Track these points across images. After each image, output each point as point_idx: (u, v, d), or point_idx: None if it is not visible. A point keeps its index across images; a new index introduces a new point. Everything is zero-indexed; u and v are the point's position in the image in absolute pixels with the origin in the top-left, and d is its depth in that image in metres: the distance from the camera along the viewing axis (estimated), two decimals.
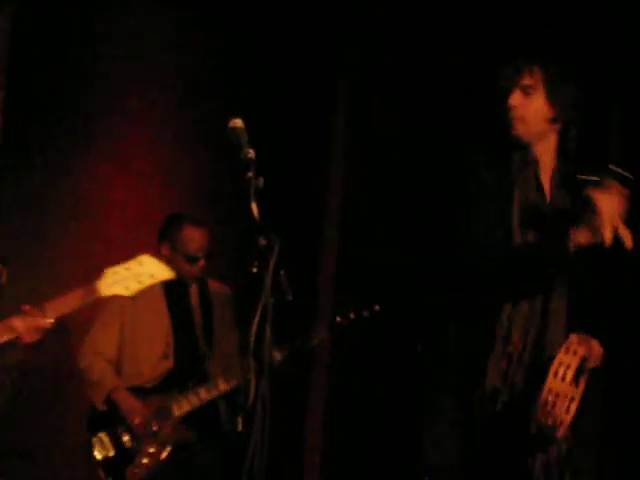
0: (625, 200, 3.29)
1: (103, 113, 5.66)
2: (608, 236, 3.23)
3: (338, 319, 4.78)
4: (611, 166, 3.37)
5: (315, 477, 5.87)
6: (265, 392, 3.00)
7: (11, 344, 3.55)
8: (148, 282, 3.66)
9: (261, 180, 3.05)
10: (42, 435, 5.47)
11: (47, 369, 5.47)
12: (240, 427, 4.66)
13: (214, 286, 4.93)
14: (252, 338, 2.98)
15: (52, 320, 3.55)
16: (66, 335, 5.44)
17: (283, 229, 3.04)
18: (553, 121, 3.47)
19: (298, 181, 5.75)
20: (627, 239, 3.26)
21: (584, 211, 3.30)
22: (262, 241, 3.01)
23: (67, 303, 3.59)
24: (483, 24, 5.28)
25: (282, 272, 3.00)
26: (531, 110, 3.44)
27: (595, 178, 3.35)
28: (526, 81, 3.43)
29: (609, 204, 3.26)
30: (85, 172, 5.66)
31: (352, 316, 4.76)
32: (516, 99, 3.44)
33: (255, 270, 3.00)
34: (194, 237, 4.76)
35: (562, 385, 3.31)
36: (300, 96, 5.85)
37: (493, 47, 4.90)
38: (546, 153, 3.50)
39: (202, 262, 4.77)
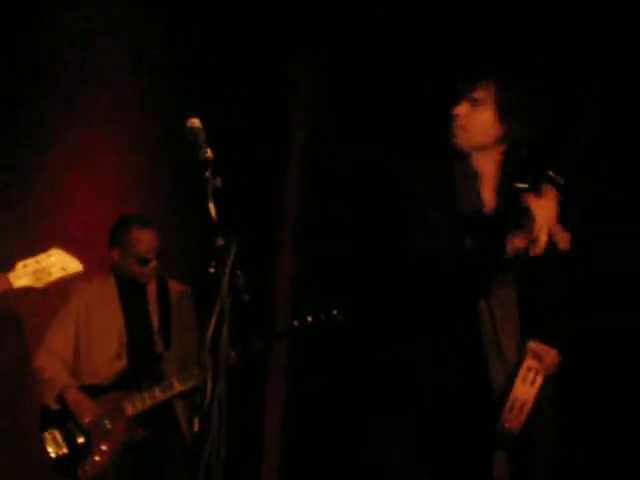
0: (558, 204, 3.38)
1: (63, 113, 5.62)
2: (542, 240, 3.33)
3: (296, 323, 4.78)
4: (548, 172, 3.44)
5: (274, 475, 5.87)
6: (222, 392, 3.00)
7: None
8: (59, 274, 3.92)
9: (219, 180, 3.05)
10: None
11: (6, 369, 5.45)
12: (197, 427, 4.68)
13: (174, 286, 4.92)
14: (209, 338, 2.98)
15: None
16: (26, 335, 5.43)
17: (241, 229, 3.04)
18: (498, 140, 3.49)
19: (255, 181, 5.74)
20: (562, 241, 3.39)
21: (521, 217, 3.38)
22: (220, 241, 3.01)
23: None
24: (444, 35, 5.30)
25: (239, 273, 3.00)
26: (475, 122, 3.47)
27: (527, 186, 3.43)
28: (476, 94, 3.46)
29: (543, 209, 3.35)
30: (46, 173, 5.61)
31: (310, 320, 4.76)
32: (462, 109, 3.48)
33: (213, 270, 3.01)
34: (143, 239, 4.75)
35: (530, 390, 3.38)
36: (258, 97, 5.85)
37: (453, 57, 4.96)
38: (488, 164, 3.53)
39: (154, 262, 4.76)
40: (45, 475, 4.67)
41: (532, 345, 3.44)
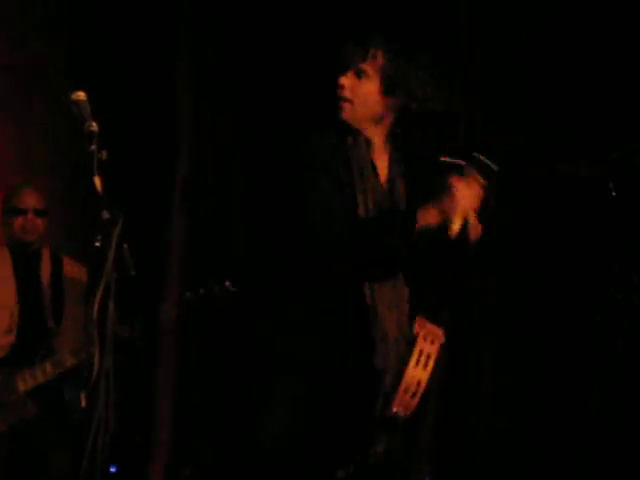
0: (481, 192, 3.24)
1: None
2: (456, 226, 3.19)
3: (187, 294, 4.74)
4: (475, 154, 3.32)
5: (163, 456, 5.84)
6: (109, 368, 2.98)
7: None
8: None
9: (104, 153, 3.03)
10: None
11: None
12: (83, 403, 4.64)
13: (68, 262, 4.88)
14: (95, 313, 2.96)
15: None
16: None
17: (130, 204, 3.02)
18: (384, 113, 3.38)
19: (146, 155, 5.71)
20: (474, 231, 3.24)
21: (439, 194, 3.24)
22: (105, 215, 2.99)
23: None
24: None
25: (125, 246, 2.98)
26: (360, 95, 3.34)
27: (458, 162, 3.31)
28: (363, 65, 3.32)
29: (466, 194, 3.21)
30: None
31: (202, 291, 4.73)
32: (347, 80, 3.34)
33: (98, 244, 2.99)
34: (20, 190, 4.75)
35: (423, 374, 3.31)
36: (145, 68, 5.80)
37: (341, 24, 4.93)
38: (377, 136, 3.42)
39: (32, 217, 4.70)
40: None
41: (423, 326, 3.37)
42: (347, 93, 3.35)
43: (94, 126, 3.04)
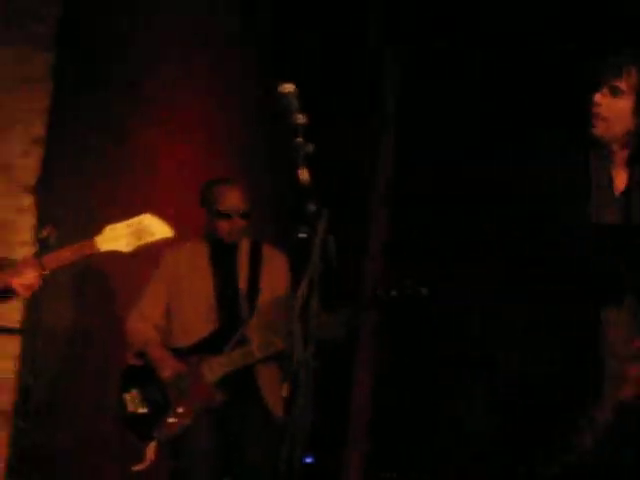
0: None
1: (149, 78, 5.65)
2: None
3: (379, 294, 4.67)
4: None
5: (361, 447, 5.85)
6: (309, 360, 2.98)
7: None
8: (148, 239, 3.90)
9: (311, 146, 3.02)
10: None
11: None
12: (285, 394, 4.67)
13: (269, 251, 4.88)
14: (298, 306, 2.96)
15: (46, 272, 3.73)
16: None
17: (333, 196, 3.02)
18: (629, 133, 3.40)
19: (349, 148, 5.72)
20: None
21: None
22: (311, 207, 2.98)
23: (65, 256, 3.80)
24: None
25: (330, 238, 2.97)
26: (614, 112, 3.37)
27: None
28: (618, 82, 3.35)
29: None
30: (135, 141, 5.65)
31: (394, 293, 4.65)
32: (602, 97, 3.37)
33: (303, 236, 2.98)
34: (225, 194, 4.74)
35: None
36: (352, 64, 5.81)
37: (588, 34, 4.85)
38: (621, 153, 3.45)
39: (238, 221, 4.73)
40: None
41: None
42: (602, 110, 3.38)
43: (302, 119, 3.03)
